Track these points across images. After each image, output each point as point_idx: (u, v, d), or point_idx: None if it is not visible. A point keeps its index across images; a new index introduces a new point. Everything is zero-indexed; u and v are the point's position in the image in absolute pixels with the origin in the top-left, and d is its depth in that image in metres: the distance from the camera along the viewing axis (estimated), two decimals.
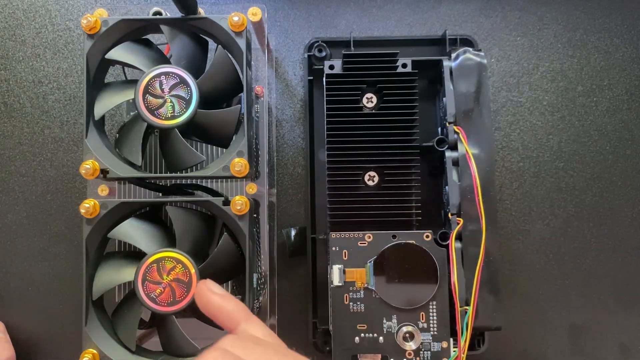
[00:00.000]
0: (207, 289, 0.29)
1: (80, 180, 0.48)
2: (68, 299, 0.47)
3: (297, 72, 0.50)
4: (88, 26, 0.36)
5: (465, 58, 0.42)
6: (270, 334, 0.28)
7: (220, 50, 0.37)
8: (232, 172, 0.36)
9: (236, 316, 0.28)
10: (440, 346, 0.39)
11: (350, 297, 0.40)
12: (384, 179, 0.42)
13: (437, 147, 0.42)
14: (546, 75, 0.49)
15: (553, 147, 0.49)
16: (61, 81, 0.49)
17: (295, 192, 0.49)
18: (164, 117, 0.36)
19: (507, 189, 0.48)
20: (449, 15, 0.50)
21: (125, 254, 0.39)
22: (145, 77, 0.36)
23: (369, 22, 0.50)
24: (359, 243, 0.40)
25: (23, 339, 0.47)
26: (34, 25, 0.50)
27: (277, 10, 0.50)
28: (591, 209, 0.48)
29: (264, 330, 0.28)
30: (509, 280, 0.47)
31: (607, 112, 0.49)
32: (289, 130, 0.49)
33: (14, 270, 0.48)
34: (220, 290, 0.29)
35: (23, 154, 0.49)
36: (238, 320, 0.28)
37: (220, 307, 0.29)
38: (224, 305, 0.28)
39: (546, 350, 0.47)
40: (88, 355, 0.35)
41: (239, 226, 0.36)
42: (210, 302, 0.29)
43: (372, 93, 0.43)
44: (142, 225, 0.37)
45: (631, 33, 0.49)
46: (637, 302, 0.48)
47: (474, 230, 0.40)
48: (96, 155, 0.36)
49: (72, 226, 0.48)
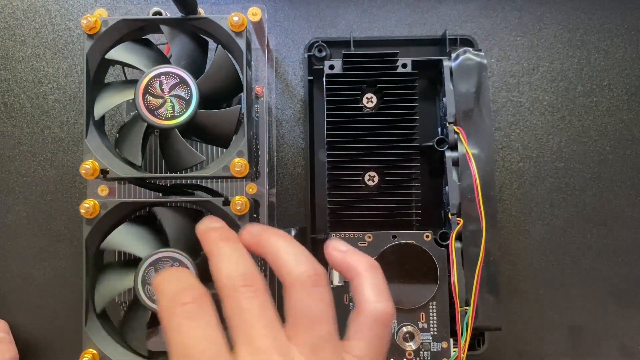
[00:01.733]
0: (332, 248, 0.32)
1: (80, 180, 0.48)
2: (68, 299, 0.47)
3: (297, 72, 0.50)
4: (88, 26, 0.36)
5: (465, 58, 0.42)
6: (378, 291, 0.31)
7: (220, 50, 0.37)
8: (232, 172, 0.36)
9: (354, 269, 0.31)
10: (440, 346, 0.39)
11: (350, 297, 0.40)
12: (384, 179, 0.42)
13: (437, 147, 0.42)
14: (546, 75, 0.49)
15: (553, 147, 0.49)
16: (61, 81, 0.49)
17: (295, 192, 0.49)
18: (164, 117, 0.36)
19: (507, 189, 0.48)
20: (449, 15, 0.50)
21: (123, 263, 0.39)
22: (145, 77, 0.36)
23: (369, 22, 0.50)
24: (359, 243, 0.40)
25: (23, 339, 0.47)
26: (34, 25, 0.50)
27: (277, 10, 0.50)
28: (591, 209, 0.48)
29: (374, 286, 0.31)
30: (509, 280, 0.47)
31: (607, 112, 0.49)
32: (289, 130, 0.49)
33: (14, 270, 0.48)
34: (344, 246, 0.32)
35: (23, 154, 0.49)
36: (354, 274, 0.31)
37: (341, 261, 0.32)
38: (346, 260, 0.31)
39: (546, 350, 0.47)
40: (88, 355, 0.35)
41: (239, 226, 0.36)
42: (333, 259, 0.32)
43: (372, 93, 0.43)
44: (133, 230, 0.37)
45: (631, 33, 0.49)
46: (637, 302, 0.48)
47: (474, 230, 0.40)
48: (96, 156, 0.36)
49: (72, 226, 0.48)
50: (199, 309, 0.26)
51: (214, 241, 0.30)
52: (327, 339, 0.27)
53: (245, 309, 0.26)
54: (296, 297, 0.27)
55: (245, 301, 0.26)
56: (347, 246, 0.32)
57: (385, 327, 0.29)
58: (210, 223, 0.32)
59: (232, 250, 0.29)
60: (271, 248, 0.29)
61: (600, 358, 0.47)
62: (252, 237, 0.31)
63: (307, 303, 0.27)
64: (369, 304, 0.29)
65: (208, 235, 0.30)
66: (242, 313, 0.26)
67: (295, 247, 0.29)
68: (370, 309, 0.29)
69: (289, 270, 0.28)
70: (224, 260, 0.28)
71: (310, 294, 0.27)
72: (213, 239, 0.30)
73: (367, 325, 0.29)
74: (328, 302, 0.28)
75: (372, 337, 0.28)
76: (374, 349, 0.28)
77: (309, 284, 0.27)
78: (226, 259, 0.28)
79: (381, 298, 0.29)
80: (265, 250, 0.30)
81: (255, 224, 0.33)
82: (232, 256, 0.28)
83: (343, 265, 0.31)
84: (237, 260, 0.28)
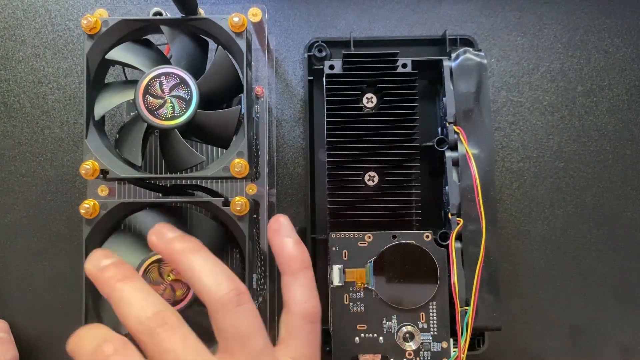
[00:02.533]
0: (276, 227, 0.32)
1: (80, 180, 0.48)
2: (68, 299, 0.47)
3: (297, 72, 0.50)
4: (88, 26, 0.36)
5: (465, 58, 0.42)
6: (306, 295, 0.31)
7: (221, 50, 0.37)
8: (232, 172, 0.36)
9: (286, 265, 0.32)
10: (440, 346, 0.39)
11: (350, 297, 0.40)
12: (384, 179, 0.42)
13: (437, 147, 0.42)
14: (546, 75, 0.49)
15: (553, 147, 0.49)
16: (61, 81, 0.49)
17: (295, 192, 0.49)
18: (164, 118, 0.36)
19: (507, 189, 0.48)
20: (449, 15, 0.50)
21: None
22: (146, 78, 0.36)
23: (369, 22, 0.50)
24: (359, 243, 0.40)
25: (23, 339, 0.47)
26: (34, 25, 0.50)
27: (277, 10, 0.50)
28: (591, 209, 0.48)
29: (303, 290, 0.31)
30: (509, 280, 0.47)
31: (607, 112, 0.49)
32: (289, 130, 0.49)
33: (14, 270, 0.48)
34: (288, 232, 0.32)
35: (23, 154, 0.49)
36: (286, 270, 0.32)
37: (279, 249, 0.32)
38: (287, 250, 0.32)
39: (546, 350, 0.47)
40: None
41: (239, 227, 0.36)
42: (276, 244, 0.32)
43: (372, 93, 0.43)
44: None
45: (631, 33, 0.49)
46: (637, 302, 0.48)
47: (474, 230, 0.40)
48: (96, 156, 0.36)
49: (72, 226, 0.48)
50: (124, 359, 0.25)
51: (110, 284, 0.27)
52: (262, 352, 0.27)
53: (168, 350, 0.25)
54: (222, 320, 0.27)
55: (164, 342, 0.25)
56: (292, 232, 0.32)
57: (314, 324, 0.30)
58: (98, 260, 0.29)
59: (134, 291, 0.27)
60: (186, 267, 0.28)
61: (600, 358, 0.47)
62: (163, 245, 0.29)
63: (234, 324, 0.27)
64: (297, 304, 0.30)
65: (101, 278, 0.28)
66: (167, 354, 0.25)
67: (212, 265, 0.28)
68: (298, 309, 0.30)
69: (210, 294, 0.27)
70: (128, 305, 0.26)
71: (235, 314, 0.27)
72: (108, 282, 0.28)
73: (298, 325, 0.30)
74: (255, 317, 0.28)
75: (304, 335, 0.30)
76: (307, 346, 0.30)
77: (232, 305, 0.27)
78: (130, 303, 0.26)
79: (309, 297, 0.31)
80: (180, 268, 0.29)
81: (165, 225, 0.30)
82: (136, 298, 0.27)
83: (279, 254, 0.32)
84: (142, 301, 0.27)
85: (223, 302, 0.27)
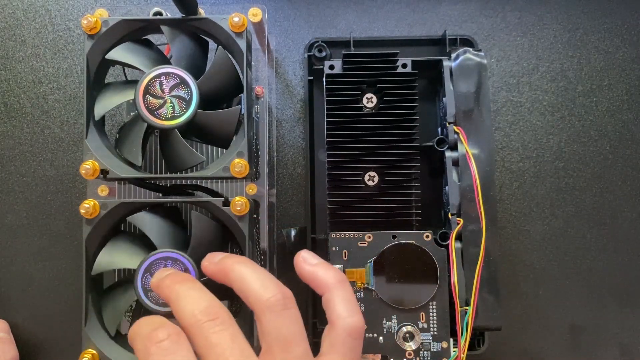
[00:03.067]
0: (302, 260, 0.33)
1: (80, 180, 0.48)
2: (68, 299, 0.47)
3: (297, 72, 0.50)
4: (88, 26, 0.36)
5: (465, 58, 0.42)
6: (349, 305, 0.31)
7: (221, 50, 0.37)
8: (232, 172, 0.36)
9: (323, 284, 0.32)
10: (440, 346, 0.39)
11: None
12: (384, 179, 0.42)
13: (437, 147, 0.42)
14: (546, 75, 0.49)
15: (553, 147, 0.49)
16: (61, 81, 0.49)
17: (295, 192, 0.49)
18: (164, 118, 0.36)
19: (507, 189, 0.49)
20: (449, 15, 0.50)
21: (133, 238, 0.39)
22: (146, 78, 0.36)
23: (369, 22, 0.50)
24: (359, 243, 0.40)
25: (23, 339, 0.47)
26: (34, 25, 0.50)
27: (277, 10, 0.50)
28: (591, 209, 0.48)
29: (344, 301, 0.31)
30: (509, 280, 0.47)
31: (607, 112, 0.49)
32: (289, 130, 0.49)
33: (14, 270, 0.48)
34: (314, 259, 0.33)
35: (23, 154, 0.49)
36: (324, 289, 0.32)
37: (311, 275, 0.32)
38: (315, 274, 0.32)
39: (546, 350, 0.47)
40: (87, 355, 0.35)
41: (239, 227, 0.36)
42: (303, 273, 0.33)
43: (372, 93, 0.43)
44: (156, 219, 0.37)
45: (631, 33, 0.49)
46: (637, 302, 0.48)
47: (474, 230, 0.40)
48: (96, 156, 0.36)
49: (72, 226, 0.48)
50: (174, 345, 0.26)
51: (169, 286, 0.30)
52: (301, 358, 0.28)
53: (215, 344, 0.26)
54: (267, 322, 0.28)
55: (213, 336, 0.26)
56: (317, 259, 0.33)
57: (357, 340, 0.30)
58: (161, 274, 0.32)
59: (189, 289, 0.29)
60: (236, 276, 0.30)
61: (600, 358, 0.47)
62: (214, 265, 0.32)
63: (279, 326, 0.28)
64: (341, 319, 0.30)
65: (162, 284, 0.31)
66: (214, 348, 0.26)
67: (260, 273, 0.30)
68: (342, 324, 0.30)
69: (257, 297, 0.28)
70: (183, 301, 0.28)
71: (280, 317, 0.28)
72: (167, 286, 0.30)
73: (341, 340, 0.30)
74: (299, 323, 0.29)
75: (346, 351, 0.29)
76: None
77: (278, 307, 0.28)
78: (185, 299, 0.28)
79: (352, 312, 0.30)
80: (230, 279, 0.30)
81: (216, 253, 0.33)
82: (191, 294, 0.29)
83: (313, 279, 0.32)
84: (196, 297, 0.28)
85: (269, 304, 0.28)
